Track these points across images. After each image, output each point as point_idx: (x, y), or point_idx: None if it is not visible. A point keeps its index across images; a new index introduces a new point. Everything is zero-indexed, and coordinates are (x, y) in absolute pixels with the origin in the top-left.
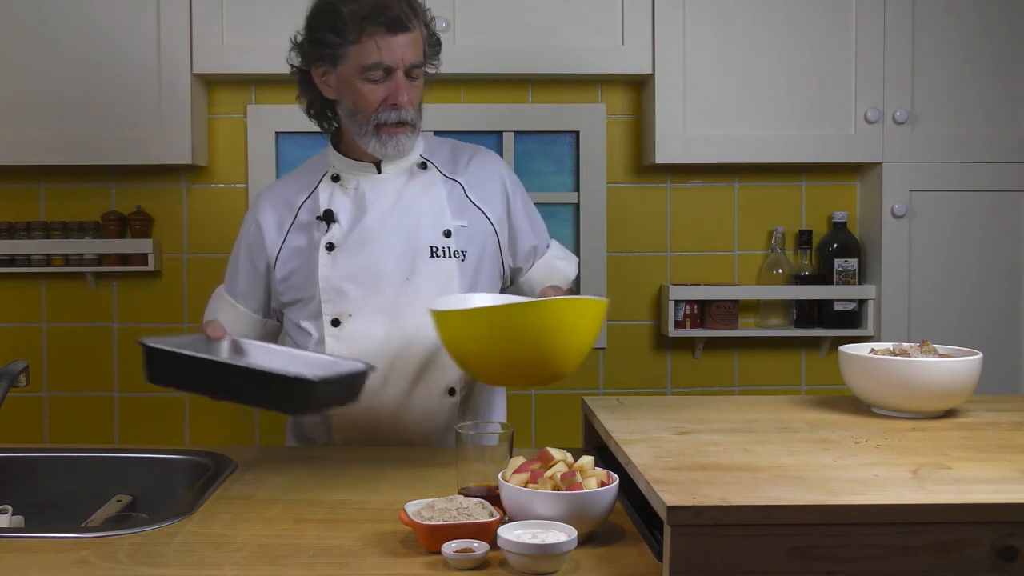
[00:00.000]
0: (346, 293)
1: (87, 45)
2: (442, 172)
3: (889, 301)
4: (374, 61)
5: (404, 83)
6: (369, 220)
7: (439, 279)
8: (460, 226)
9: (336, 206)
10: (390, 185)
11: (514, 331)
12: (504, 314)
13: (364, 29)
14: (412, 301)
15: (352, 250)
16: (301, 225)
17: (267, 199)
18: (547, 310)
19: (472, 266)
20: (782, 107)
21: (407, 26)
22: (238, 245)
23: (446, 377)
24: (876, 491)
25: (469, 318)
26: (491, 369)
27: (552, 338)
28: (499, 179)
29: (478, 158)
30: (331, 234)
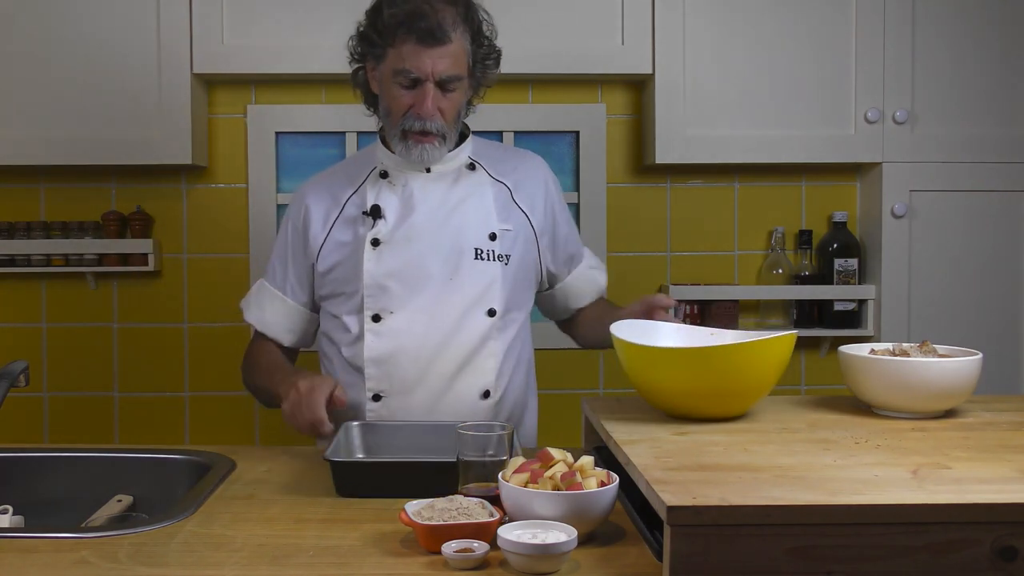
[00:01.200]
0: (389, 289)
1: (87, 45)
2: (490, 173)
3: (889, 301)
4: (402, 68)
5: (434, 94)
6: (416, 218)
7: (482, 281)
8: (505, 230)
9: (384, 202)
10: (438, 185)
11: (711, 370)
12: (706, 355)
13: (397, 34)
14: (453, 301)
15: (398, 247)
16: (347, 219)
17: (312, 191)
18: (749, 350)
19: (514, 270)
20: (782, 107)
21: (442, 39)
22: (284, 237)
23: (482, 379)
24: (876, 491)
25: (668, 356)
26: (676, 401)
27: (746, 375)
28: (543, 184)
29: (526, 161)
30: (377, 230)
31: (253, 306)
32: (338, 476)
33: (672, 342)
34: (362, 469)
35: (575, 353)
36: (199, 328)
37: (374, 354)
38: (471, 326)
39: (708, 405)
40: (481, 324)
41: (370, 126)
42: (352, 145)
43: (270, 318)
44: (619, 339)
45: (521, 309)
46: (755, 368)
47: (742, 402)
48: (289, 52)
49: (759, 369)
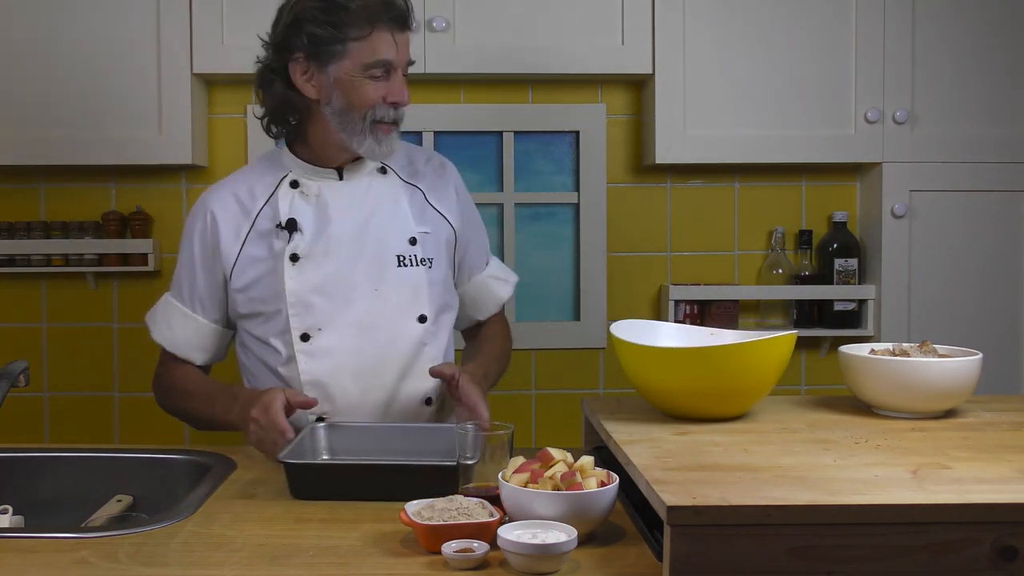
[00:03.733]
0: (314, 306)
1: (87, 45)
2: (401, 177)
3: (889, 301)
4: (379, 58)
5: (403, 82)
6: (334, 229)
7: (408, 288)
8: (424, 233)
9: (298, 215)
10: (353, 192)
11: (711, 370)
12: (706, 355)
13: (373, 24)
14: (383, 312)
15: (318, 260)
16: (260, 233)
17: (218, 202)
18: (749, 350)
19: (439, 273)
20: (782, 107)
21: (410, 24)
22: (189, 250)
23: (423, 386)
24: (876, 491)
25: (668, 356)
26: (676, 401)
27: (746, 375)
28: (453, 186)
29: (435, 163)
30: (295, 244)
31: (160, 323)
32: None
33: (672, 342)
34: (319, 471)
35: (575, 353)
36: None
37: (311, 377)
38: (404, 335)
39: (708, 405)
40: (414, 331)
41: None
42: None
43: (180, 337)
44: (619, 339)
45: (449, 311)
46: (755, 368)
47: (742, 402)
48: None
49: (759, 369)
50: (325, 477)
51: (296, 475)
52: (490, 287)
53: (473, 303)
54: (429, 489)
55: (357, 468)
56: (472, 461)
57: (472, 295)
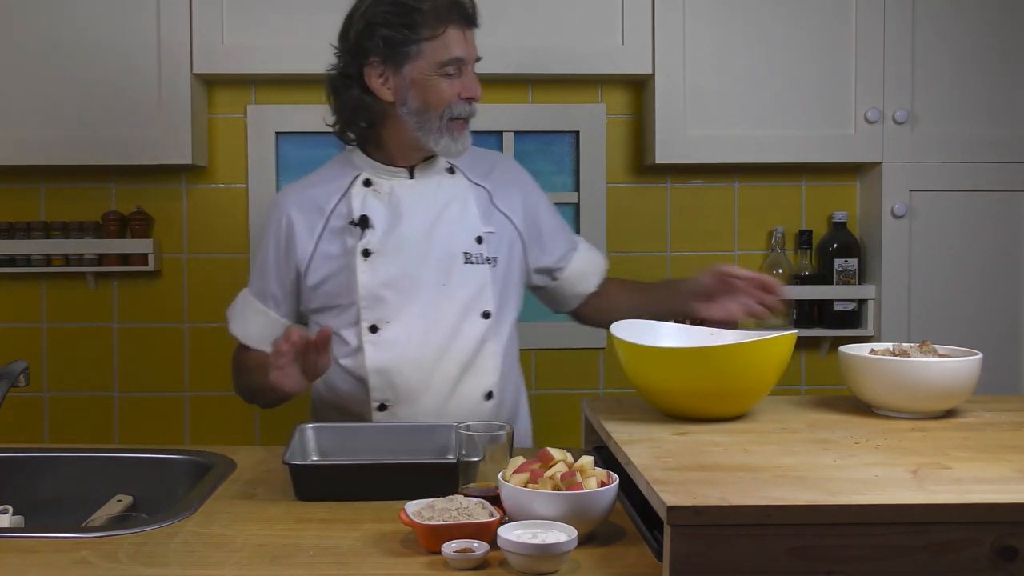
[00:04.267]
0: (384, 299)
1: (87, 45)
2: (468, 177)
3: (889, 301)
4: (452, 56)
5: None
6: (405, 226)
7: (473, 285)
8: (489, 232)
9: (371, 212)
10: (423, 191)
11: (711, 370)
12: (706, 355)
13: (445, 24)
14: (448, 307)
15: (389, 256)
16: (334, 230)
17: (293, 202)
18: (749, 350)
19: (503, 272)
20: (782, 107)
21: (477, 21)
22: (266, 249)
23: (484, 381)
24: (876, 491)
25: (668, 356)
26: (676, 401)
27: (746, 375)
28: (520, 185)
29: (501, 164)
30: (367, 240)
31: (237, 318)
32: (296, 480)
33: (672, 342)
34: (324, 472)
35: (575, 353)
36: (199, 328)
37: (376, 365)
38: (468, 330)
39: (708, 405)
40: (478, 327)
41: None
42: None
43: (254, 331)
44: (619, 339)
45: (512, 309)
46: (755, 368)
47: (742, 402)
48: (289, 52)
49: (759, 369)
50: (330, 478)
51: (300, 476)
52: (592, 259)
53: (581, 278)
54: (436, 487)
55: (363, 468)
56: (477, 459)
57: (579, 271)
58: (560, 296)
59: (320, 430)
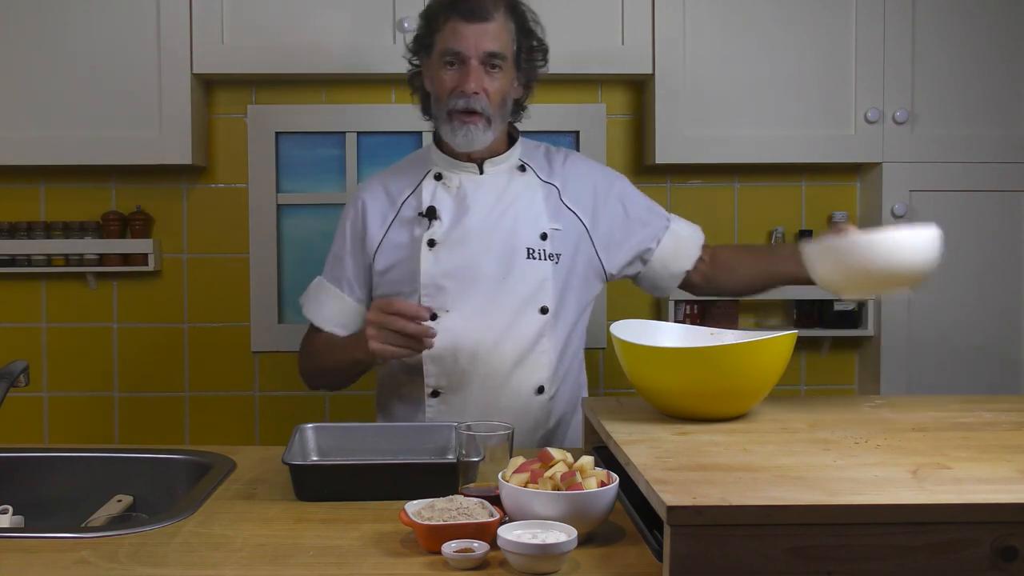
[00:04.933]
0: (445, 289)
1: (87, 45)
2: (539, 175)
3: (889, 301)
4: (448, 47)
5: (477, 72)
6: (470, 219)
7: (534, 280)
8: (555, 229)
9: (439, 203)
10: (491, 185)
11: (711, 370)
12: (706, 355)
13: (442, 18)
14: (507, 300)
15: (453, 247)
16: (403, 220)
17: (369, 191)
18: (749, 350)
19: (565, 268)
20: (782, 107)
21: (483, 16)
22: (342, 235)
23: (536, 376)
24: (876, 491)
25: (668, 356)
26: (676, 401)
27: (746, 375)
28: (590, 180)
29: (571, 160)
30: (433, 231)
31: (311, 302)
32: (297, 480)
33: (672, 342)
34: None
35: None
36: (199, 328)
37: (433, 352)
38: (525, 324)
39: (708, 405)
40: (534, 322)
41: (370, 126)
42: (352, 145)
43: (327, 313)
44: (619, 339)
45: (575, 306)
46: (755, 368)
47: (742, 402)
48: (289, 52)
49: (759, 369)
50: (330, 478)
51: (300, 476)
52: (682, 234)
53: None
54: (436, 487)
55: (363, 468)
56: (477, 459)
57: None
58: (657, 279)
59: (320, 430)
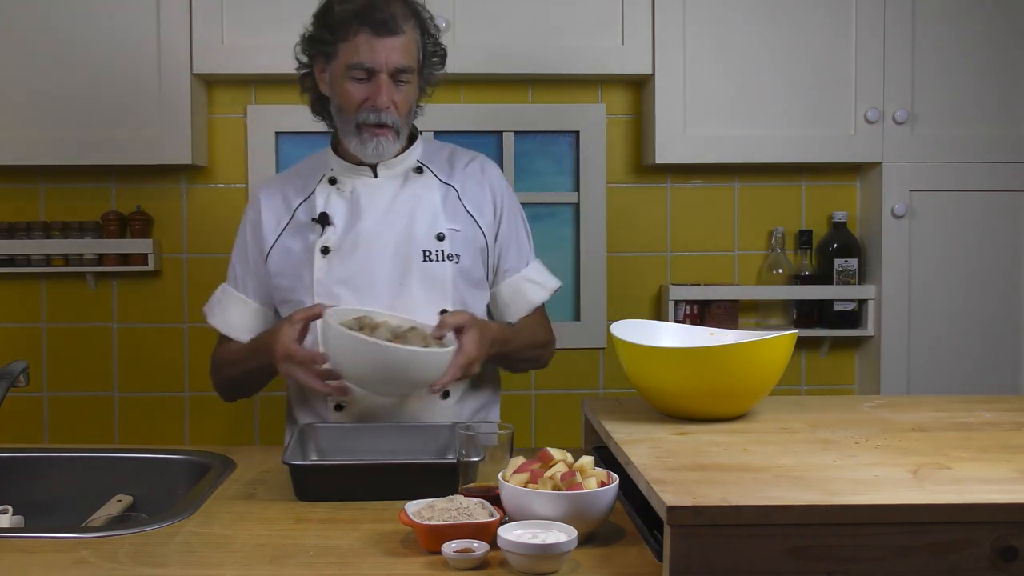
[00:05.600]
0: (339, 297)
1: (87, 45)
2: (438, 176)
3: (889, 301)
4: (357, 61)
5: (388, 86)
6: (363, 224)
7: (433, 283)
8: (453, 230)
9: (332, 209)
10: (385, 189)
11: (711, 370)
12: (706, 355)
13: (351, 28)
14: (405, 305)
15: (346, 254)
16: (297, 225)
17: (266, 194)
18: (749, 350)
19: (466, 269)
20: (782, 107)
21: (395, 30)
22: (242, 237)
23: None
24: (876, 491)
25: (668, 356)
26: (676, 401)
27: (746, 375)
28: (490, 188)
29: (474, 164)
30: (326, 237)
31: (216, 311)
32: (297, 480)
33: (672, 342)
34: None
35: (575, 353)
36: (199, 328)
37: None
38: None
39: (708, 405)
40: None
41: None
42: None
43: (233, 320)
44: (619, 339)
45: (478, 308)
46: (755, 368)
47: (742, 402)
48: (289, 52)
49: (759, 369)
50: (330, 478)
51: (300, 476)
52: (523, 289)
53: (506, 304)
54: (436, 487)
55: (363, 468)
56: (477, 459)
57: (505, 296)
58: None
59: (320, 430)
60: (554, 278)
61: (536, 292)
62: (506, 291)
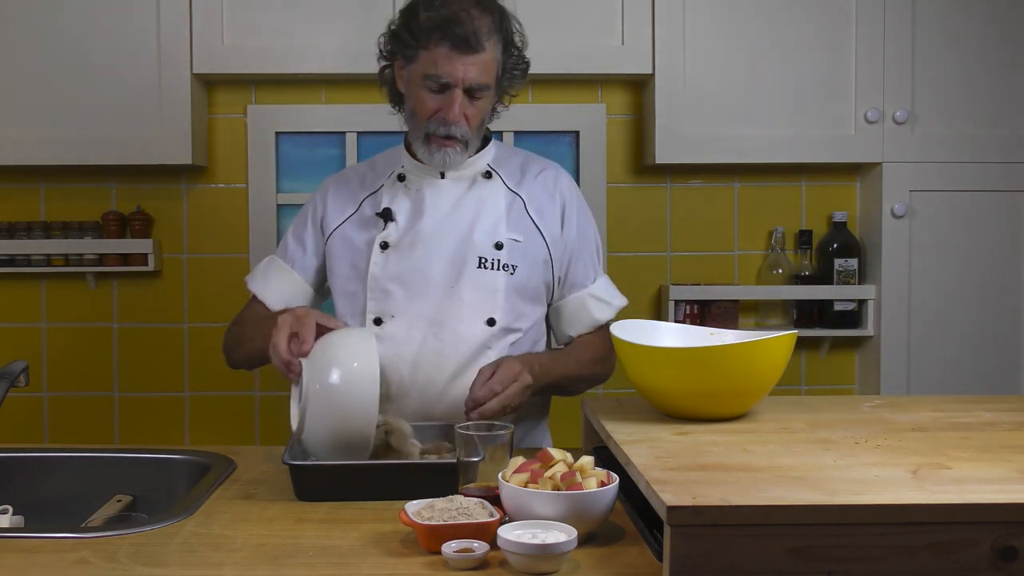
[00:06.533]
0: (391, 293)
1: (87, 45)
2: (506, 184)
3: (889, 301)
4: (434, 73)
5: (461, 100)
6: (424, 224)
7: (484, 290)
8: (514, 240)
9: (396, 206)
10: (451, 191)
11: (711, 370)
12: (706, 355)
13: (432, 38)
14: (454, 309)
15: (404, 251)
16: (362, 218)
17: (335, 183)
18: (749, 350)
19: (521, 281)
20: (782, 107)
21: (476, 47)
22: (302, 220)
23: None
24: (876, 491)
25: (668, 356)
26: (676, 401)
27: (746, 375)
28: (560, 199)
29: (547, 174)
30: (387, 233)
31: (258, 278)
32: (297, 480)
33: (672, 342)
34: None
35: None
36: (199, 328)
37: None
38: (469, 334)
39: (708, 405)
40: (479, 333)
41: (370, 127)
42: (352, 145)
43: (273, 288)
44: (619, 339)
45: (528, 321)
46: (755, 368)
47: (742, 402)
48: (289, 52)
49: (759, 369)
50: (330, 478)
51: (300, 476)
52: (588, 306)
53: (569, 319)
54: (436, 487)
55: (363, 468)
56: (477, 459)
57: (569, 311)
58: (551, 326)
59: None
60: (621, 296)
61: (601, 310)
62: (570, 306)
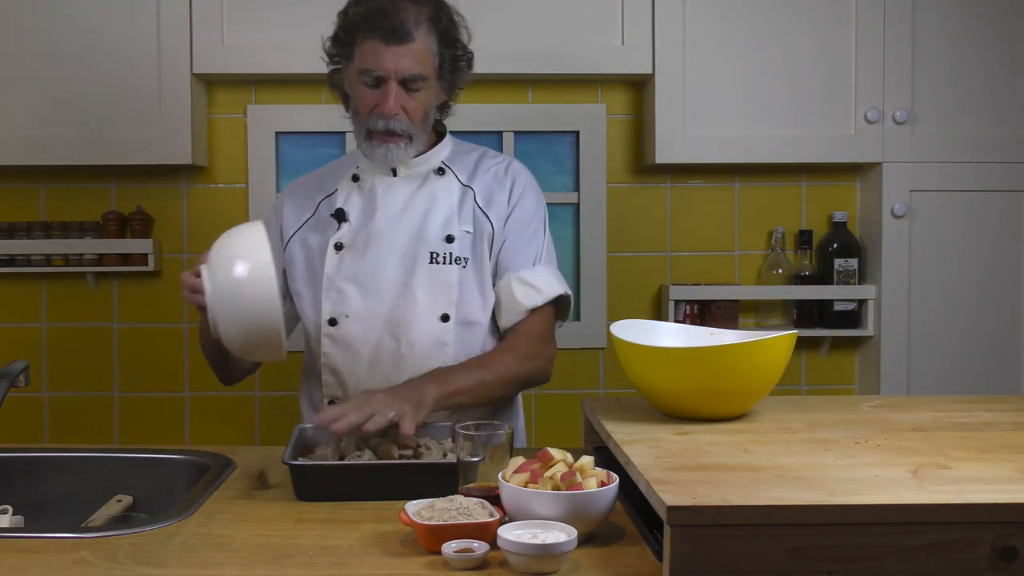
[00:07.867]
0: (345, 293)
1: (87, 45)
2: (459, 178)
3: (889, 301)
4: (365, 66)
5: (397, 93)
6: (376, 222)
7: (438, 286)
8: (465, 232)
9: (350, 206)
10: (403, 189)
11: (711, 370)
12: (706, 355)
13: (360, 33)
14: (408, 308)
15: (358, 251)
16: (319, 220)
17: (292, 190)
18: (749, 350)
19: (474, 274)
20: (782, 107)
21: (403, 38)
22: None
23: None
24: (876, 491)
25: (668, 356)
26: (676, 401)
27: (746, 375)
28: (510, 185)
29: (499, 166)
30: (341, 233)
31: None
32: (297, 481)
33: (672, 342)
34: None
35: (575, 353)
36: (199, 328)
37: (329, 361)
38: (424, 332)
39: (708, 405)
40: (435, 329)
41: None
42: (352, 145)
43: None
44: (619, 339)
45: (485, 314)
46: (755, 368)
47: (742, 402)
48: (289, 52)
49: (759, 369)
50: (330, 478)
51: (300, 476)
52: (513, 290)
53: (499, 307)
54: (436, 487)
55: (363, 468)
56: (477, 459)
57: (499, 298)
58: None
59: (320, 430)
60: (558, 286)
61: (528, 296)
62: (500, 293)
